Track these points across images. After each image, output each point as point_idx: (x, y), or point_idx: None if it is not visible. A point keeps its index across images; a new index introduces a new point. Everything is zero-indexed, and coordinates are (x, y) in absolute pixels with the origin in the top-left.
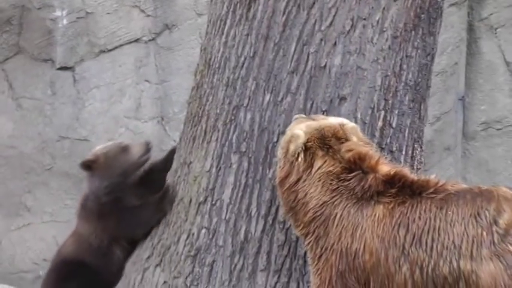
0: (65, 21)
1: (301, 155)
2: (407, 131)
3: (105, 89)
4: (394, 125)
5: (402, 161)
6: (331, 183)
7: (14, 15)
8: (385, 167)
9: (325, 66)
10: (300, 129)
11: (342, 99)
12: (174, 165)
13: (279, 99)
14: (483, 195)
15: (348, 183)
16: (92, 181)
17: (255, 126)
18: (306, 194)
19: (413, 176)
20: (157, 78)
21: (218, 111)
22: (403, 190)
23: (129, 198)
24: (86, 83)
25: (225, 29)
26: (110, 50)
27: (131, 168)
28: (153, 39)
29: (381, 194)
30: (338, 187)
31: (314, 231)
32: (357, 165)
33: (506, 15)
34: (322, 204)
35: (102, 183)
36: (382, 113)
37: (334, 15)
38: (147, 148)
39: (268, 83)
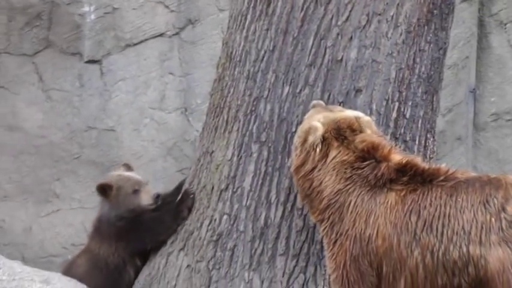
0: (92, 16)
1: (319, 147)
2: (420, 122)
3: (131, 81)
4: (407, 115)
5: (415, 150)
6: (345, 172)
7: (43, 10)
8: (398, 156)
9: (341, 59)
10: (318, 120)
11: (358, 91)
12: (197, 154)
13: (298, 91)
14: (492, 183)
15: (361, 171)
16: (103, 205)
17: (275, 117)
18: (321, 183)
19: (424, 164)
20: (181, 71)
21: (239, 102)
22: (415, 178)
23: (146, 214)
24: (113, 76)
25: (246, 24)
26: (136, 44)
27: (138, 210)
28: (177, 33)
29: (393, 181)
30: (352, 175)
31: (329, 217)
32: (370, 154)
33: None
34: (336, 192)
35: (112, 212)
36: (396, 104)
37: (350, 11)
38: (155, 200)
39: (287, 76)
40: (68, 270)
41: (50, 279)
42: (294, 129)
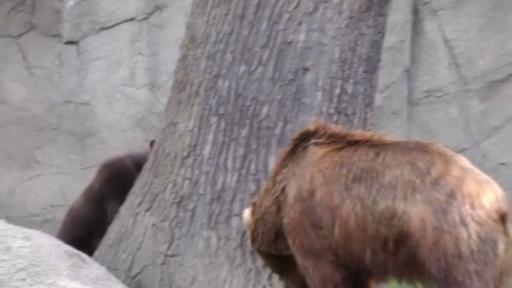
0: (71, 2)
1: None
2: (360, 98)
3: (105, 61)
4: (349, 92)
5: (356, 123)
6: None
7: None
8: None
9: (291, 41)
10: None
11: (306, 70)
12: (163, 124)
13: (252, 69)
14: (419, 148)
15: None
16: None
17: (232, 93)
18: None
19: (349, 131)
20: (149, 52)
21: (200, 79)
22: (340, 140)
23: None
24: (89, 55)
25: (207, 10)
26: (109, 27)
27: None
28: (146, 18)
29: (318, 144)
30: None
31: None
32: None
33: (446, 0)
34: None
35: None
36: (340, 82)
37: None
38: None
39: (243, 56)
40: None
41: (30, 236)
42: (248, 104)
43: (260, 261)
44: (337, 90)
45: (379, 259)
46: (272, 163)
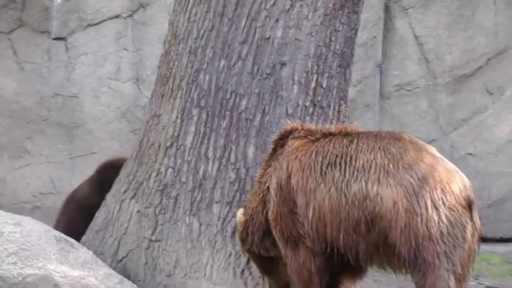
0: (59, 0)
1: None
2: (335, 91)
3: (91, 56)
4: (324, 85)
5: (331, 115)
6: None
7: None
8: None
9: (269, 37)
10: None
11: (283, 64)
12: (147, 116)
13: (232, 64)
14: (391, 136)
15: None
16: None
17: (212, 86)
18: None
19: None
20: (134, 47)
21: (182, 73)
22: (315, 133)
23: None
24: (76, 51)
25: (189, 7)
26: (96, 24)
27: None
28: (131, 15)
29: (294, 137)
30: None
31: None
32: None
33: None
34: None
35: None
36: (315, 76)
37: None
38: None
39: (223, 51)
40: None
41: (21, 222)
42: (228, 97)
43: (239, 245)
44: (313, 84)
45: (352, 241)
46: (251, 152)
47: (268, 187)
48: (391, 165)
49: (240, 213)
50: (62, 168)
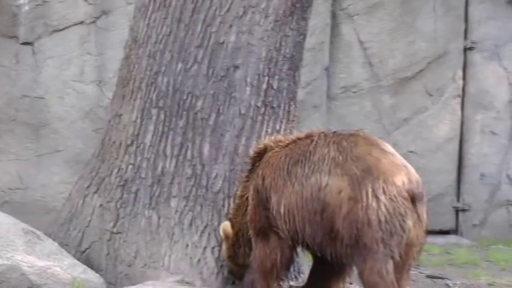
0: (26, 7)
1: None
2: (285, 92)
3: (57, 59)
4: (275, 87)
5: (281, 115)
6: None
7: None
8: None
9: (223, 42)
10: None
11: (236, 67)
12: (109, 116)
13: (188, 67)
14: (347, 132)
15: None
16: None
17: (170, 88)
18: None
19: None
20: (97, 51)
21: (142, 76)
22: (284, 141)
23: None
24: (42, 55)
25: (148, 14)
26: (61, 30)
27: None
28: (94, 22)
29: (269, 150)
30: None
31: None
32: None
33: (361, 6)
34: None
35: None
36: (266, 78)
37: (230, 4)
38: None
39: (180, 55)
40: None
41: None
42: (185, 98)
43: (195, 237)
44: (264, 86)
45: (313, 231)
46: (206, 150)
47: (247, 198)
48: (340, 157)
49: (226, 226)
50: (29, 165)
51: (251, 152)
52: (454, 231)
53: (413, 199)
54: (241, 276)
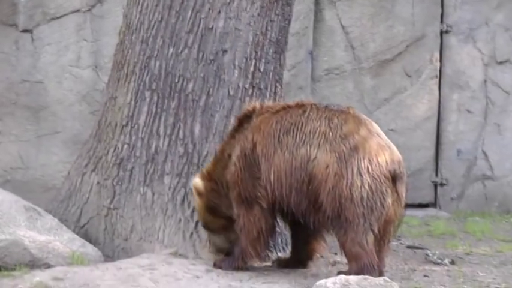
0: None
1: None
2: (271, 75)
3: (55, 46)
4: (262, 70)
5: (267, 96)
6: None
7: None
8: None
9: (212, 28)
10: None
11: (224, 51)
12: (104, 99)
13: (179, 51)
14: (338, 109)
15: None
16: None
17: (162, 71)
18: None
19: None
20: (92, 38)
21: (136, 60)
22: (274, 107)
23: None
24: (41, 42)
25: (140, 1)
26: (58, 18)
27: None
28: (89, 10)
29: (259, 114)
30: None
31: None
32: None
33: None
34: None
35: None
36: (253, 61)
37: None
38: None
39: (171, 40)
40: None
41: None
42: (177, 80)
43: (188, 212)
44: (251, 69)
45: (298, 200)
46: (197, 130)
47: (230, 155)
48: (330, 134)
49: (197, 183)
50: (29, 146)
51: (240, 112)
52: (433, 204)
53: (395, 178)
54: (219, 230)
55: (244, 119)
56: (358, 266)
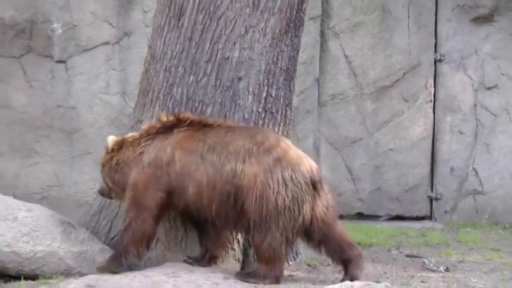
0: (60, 31)
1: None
2: (282, 99)
3: (86, 75)
4: (273, 95)
5: (279, 119)
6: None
7: (26, 26)
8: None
9: (228, 57)
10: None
11: (240, 79)
12: (131, 122)
13: (199, 79)
14: (257, 128)
15: (155, 132)
16: None
17: (184, 97)
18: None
19: (199, 117)
20: (120, 67)
21: (159, 87)
22: (194, 124)
23: None
24: (74, 71)
25: (164, 34)
26: (89, 49)
27: None
28: (117, 42)
29: (177, 126)
30: (149, 137)
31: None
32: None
33: (345, 25)
34: (143, 146)
35: None
36: (266, 87)
37: (234, 24)
38: None
39: (192, 69)
40: None
41: (32, 209)
42: (196, 105)
43: None
44: (264, 94)
45: (223, 210)
46: None
47: (141, 153)
48: (254, 148)
49: (112, 140)
50: (64, 166)
51: (165, 120)
52: (429, 217)
53: (314, 184)
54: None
55: (169, 127)
56: (267, 269)
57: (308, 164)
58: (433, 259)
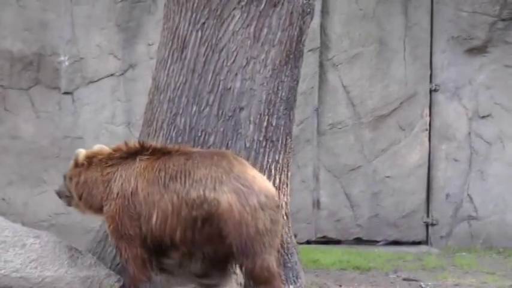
0: (66, 63)
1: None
2: (282, 129)
3: (93, 106)
4: (274, 124)
5: (279, 147)
6: (107, 164)
7: (34, 59)
8: (136, 144)
9: (230, 88)
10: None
11: (241, 109)
12: None
13: (202, 109)
14: (218, 154)
15: (117, 159)
16: None
17: (187, 127)
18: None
19: (160, 144)
20: (125, 98)
21: (163, 117)
22: (155, 152)
23: None
24: (80, 102)
25: (167, 66)
26: (95, 81)
27: None
28: (122, 74)
29: (140, 153)
30: (112, 164)
31: (104, 192)
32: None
33: (344, 56)
34: (107, 174)
35: None
36: (266, 117)
37: (235, 56)
38: None
39: (195, 99)
40: None
41: (40, 235)
42: (199, 135)
43: None
44: (265, 123)
45: (188, 235)
46: None
47: (109, 181)
48: (224, 176)
49: (82, 154)
50: None
51: (127, 145)
52: (425, 242)
53: (278, 206)
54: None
55: (133, 153)
56: None
57: (272, 188)
58: (430, 282)
